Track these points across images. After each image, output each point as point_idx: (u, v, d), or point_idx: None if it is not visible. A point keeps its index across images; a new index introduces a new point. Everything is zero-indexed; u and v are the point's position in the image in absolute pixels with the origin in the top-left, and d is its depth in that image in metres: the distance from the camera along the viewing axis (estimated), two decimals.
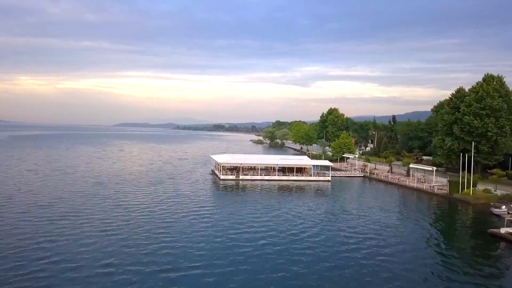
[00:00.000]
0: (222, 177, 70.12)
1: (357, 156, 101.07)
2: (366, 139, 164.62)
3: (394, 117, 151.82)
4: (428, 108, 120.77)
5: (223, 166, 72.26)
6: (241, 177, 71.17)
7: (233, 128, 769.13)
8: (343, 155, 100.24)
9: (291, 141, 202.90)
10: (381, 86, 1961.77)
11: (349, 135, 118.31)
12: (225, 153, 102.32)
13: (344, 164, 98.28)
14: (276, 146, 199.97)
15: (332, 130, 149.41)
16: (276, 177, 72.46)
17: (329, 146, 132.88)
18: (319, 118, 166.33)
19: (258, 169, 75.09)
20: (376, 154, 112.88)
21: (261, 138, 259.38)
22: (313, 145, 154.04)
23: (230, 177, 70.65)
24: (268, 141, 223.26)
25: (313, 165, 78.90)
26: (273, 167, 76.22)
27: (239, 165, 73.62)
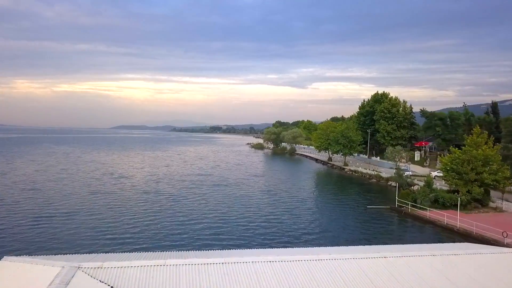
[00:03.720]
0: None
1: None
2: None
3: (495, 104, 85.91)
4: (426, 108, 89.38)
5: None
6: None
7: (231, 129, 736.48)
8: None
9: (303, 146, 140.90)
10: (378, 87, 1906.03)
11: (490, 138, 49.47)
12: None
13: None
14: (283, 153, 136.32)
15: (387, 129, 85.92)
16: None
17: (398, 158, 70.15)
18: (358, 110, 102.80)
19: None
20: None
21: (260, 141, 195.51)
22: (356, 155, 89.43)
23: None
24: (272, 146, 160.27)
25: None
26: None
27: None
